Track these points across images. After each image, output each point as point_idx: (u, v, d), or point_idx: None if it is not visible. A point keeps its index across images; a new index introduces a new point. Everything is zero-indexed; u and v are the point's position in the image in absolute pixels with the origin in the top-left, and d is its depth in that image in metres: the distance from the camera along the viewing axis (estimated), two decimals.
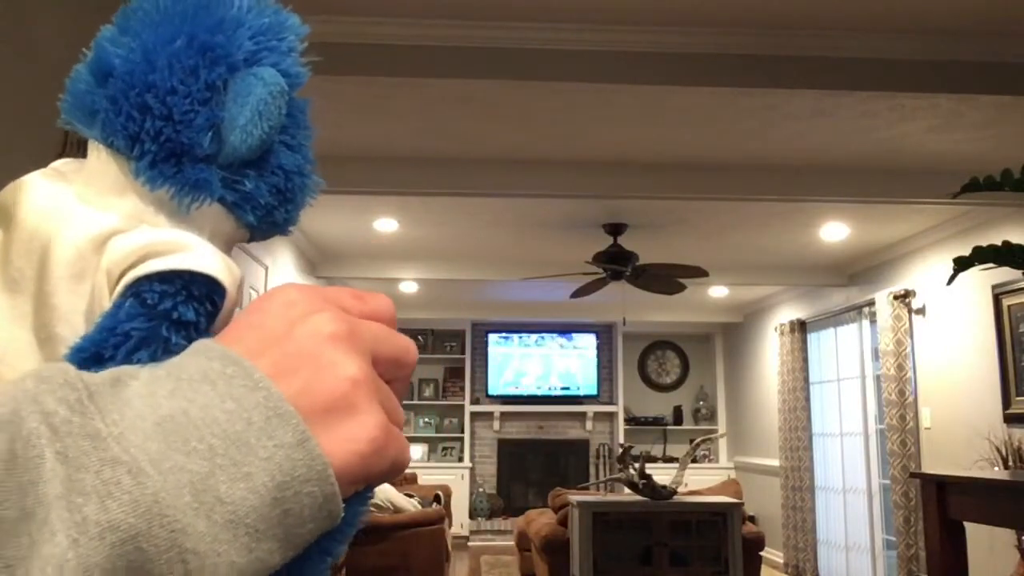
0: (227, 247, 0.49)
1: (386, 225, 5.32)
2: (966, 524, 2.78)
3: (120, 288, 0.43)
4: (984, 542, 4.26)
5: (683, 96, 3.21)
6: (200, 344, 0.36)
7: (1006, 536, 4.18)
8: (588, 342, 9.70)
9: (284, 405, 0.34)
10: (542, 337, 9.67)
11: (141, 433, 0.31)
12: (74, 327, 0.43)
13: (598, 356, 9.70)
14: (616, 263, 5.26)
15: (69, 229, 0.45)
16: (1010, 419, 4.60)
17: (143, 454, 0.31)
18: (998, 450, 4.47)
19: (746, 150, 3.86)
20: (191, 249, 0.44)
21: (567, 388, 9.63)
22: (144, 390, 0.33)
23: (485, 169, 4.10)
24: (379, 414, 0.36)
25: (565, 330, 9.64)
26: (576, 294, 5.94)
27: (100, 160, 0.47)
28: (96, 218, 0.45)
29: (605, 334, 9.75)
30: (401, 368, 0.40)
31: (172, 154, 0.45)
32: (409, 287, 7.52)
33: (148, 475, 0.30)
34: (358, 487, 0.36)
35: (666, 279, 5.54)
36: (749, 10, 2.87)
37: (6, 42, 1.95)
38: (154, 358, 0.40)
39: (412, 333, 9.18)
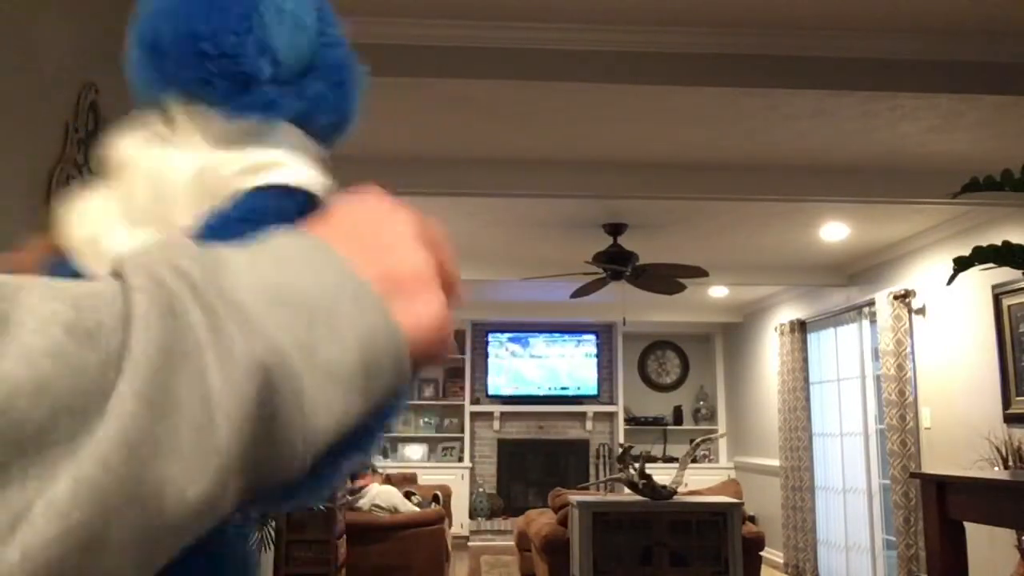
0: (313, 161, 0.54)
1: None
2: (966, 524, 2.78)
3: (230, 204, 0.48)
4: (984, 542, 4.26)
5: (684, 96, 3.21)
6: (290, 231, 0.42)
7: (1006, 536, 4.17)
8: (588, 342, 9.70)
9: (366, 284, 0.39)
10: (542, 337, 9.67)
11: (253, 297, 0.36)
12: None
13: (598, 356, 9.70)
14: (616, 263, 5.26)
15: (176, 171, 0.50)
16: (1010, 419, 4.60)
17: (260, 312, 0.35)
18: (998, 450, 4.47)
19: (746, 150, 3.86)
20: (286, 165, 0.50)
21: (567, 388, 9.63)
22: (245, 264, 0.37)
23: (485, 169, 4.09)
24: (443, 300, 0.43)
25: (565, 330, 9.64)
26: (576, 294, 5.94)
27: (181, 112, 0.53)
28: (201, 156, 0.51)
29: (605, 334, 9.75)
30: (451, 296, 0.45)
31: (240, 84, 0.51)
32: None
33: (269, 327, 0.35)
34: (418, 362, 0.42)
35: (666, 279, 5.54)
36: (749, 10, 2.87)
37: (6, 42, 1.95)
38: None
39: None
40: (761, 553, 5.53)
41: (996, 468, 4.40)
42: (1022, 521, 2.97)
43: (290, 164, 0.50)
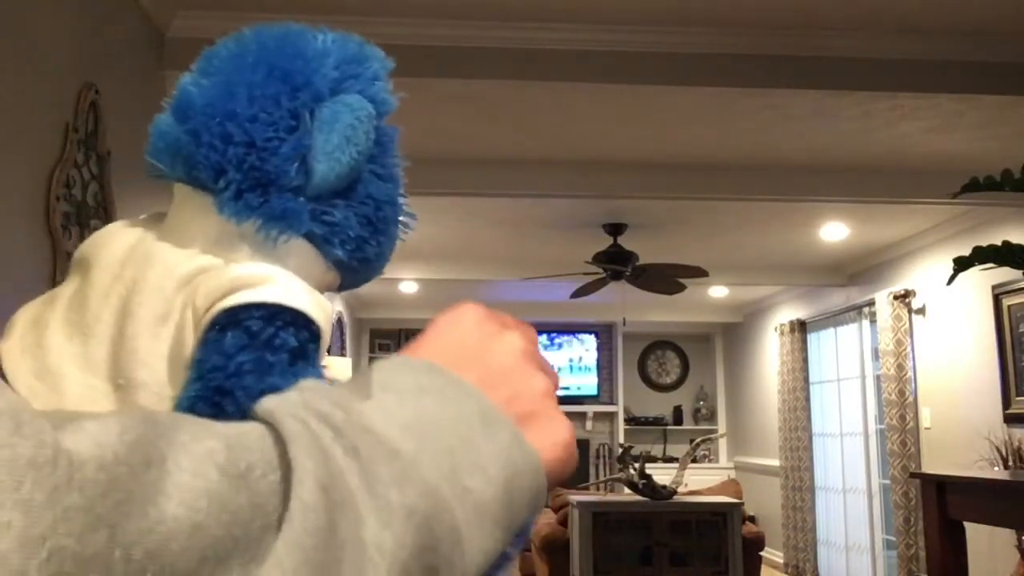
0: (319, 289, 0.47)
1: None
2: (966, 524, 2.77)
3: (207, 319, 0.42)
4: (984, 542, 4.26)
5: (683, 96, 3.21)
6: (400, 360, 0.40)
7: (1006, 536, 4.18)
8: (588, 342, 9.70)
9: (495, 410, 0.38)
10: (542, 337, 9.67)
11: (396, 434, 0.35)
12: (155, 371, 0.42)
13: (598, 356, 9.69)
14: (616, 263, 5.26)
15: (152, 271, 0.44)
16: (1010, 419, 4.60)
17: (408, 451, 0.35)
18: (998, 450, 4.47)
19: (746, 150, 3.86)
20: (277, 282, 0.43)
21: (567, 388, 9.62)
22: (382, 402, 0.36)
23: (485, 169, 4.09)
24: (568, 421, 0.42)
25: (565, 330, 9.64)
26: (576, 294, 5.94)
27: (184, 200, 0.47)
28: (180, 258, 0.45)
29: (605, 334, 9.75)
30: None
31: (258, 184, 0.44)
32: (409, 287, 7.52)
33: (420, 467, 0.34)
34: (553, 486, 0.40)
35: (666, 279, 5.54)
36: (749, 10, 2.87)
37: (6, 43, 1.95)
38: (275, 385, 0.40)
39: (413, 333, 9.18)
40: (761, 553, 5.53)
41: (996, 468, 4.40)
42: (1022, 521, 2.97)
43: (280, 282, 0.43)
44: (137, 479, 0.28)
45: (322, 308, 0.44)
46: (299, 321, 0.42)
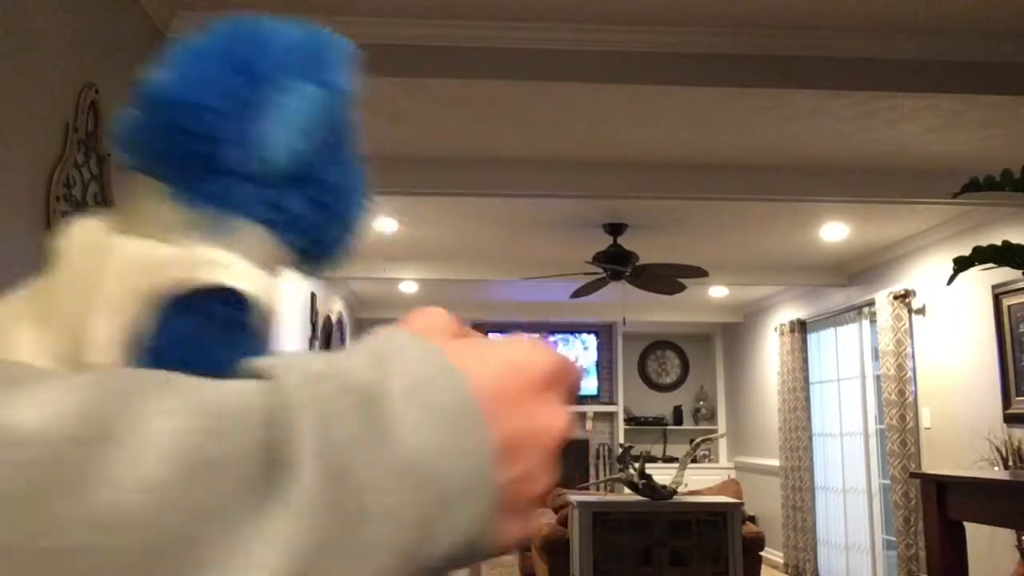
0: (271, 274, 0.48)
1: (386, 225, 5.32)
2: (966, 524, 2.78)
3: (162, 304, 0.43)
4: (984, 542, 4.26)
5: (683, 96, 3.21)
6: (405, 338, 0.38)
7: (1006, 536, 4.17)
8: (588, 342, 9.70)
9: (491, 476, 0.34)
10: (542, 337, 9.66)
11: (399, 408, 0.33)
12: (112, 358, 0.43)
13: (598, 356, 9.69)
14: (616, 263, 5.26)
15: (108, 260, 0.45)
16: (1010, 419, 4.60)
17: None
18: (998, 450, 4.47)
19: (746, 150, 3.86)
20: (230, 266, 0.44)
21: None
22: (370, 370, 0.34)
23: (485, 169, 4.09)
24: (538, 524, 0.38)
25: (565, 330, 9.64)
26: (576, 294, 5.94)
27: (139, 189, 0.47)
28: (134, 246, 0.45)
29: (605, 334, 9.75)
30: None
31: (208, 172, 0.45)
32: (409, 287, 7.52)
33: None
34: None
35: (666, 279, 5.54)
36: (749, 10, 2.87)
37: (6, 43, 1.95)
38: (226, 365, 0.40)
39: None
40: (761, 553, 5.53)
41: (996, 468, 4.40)
42: (1022, 521, 2.97)
43: (231, 265, 0.44)
44: (87, 457, 0.24)
45: (272, 291, 0.45)
46: (252, 303, 0.44)
